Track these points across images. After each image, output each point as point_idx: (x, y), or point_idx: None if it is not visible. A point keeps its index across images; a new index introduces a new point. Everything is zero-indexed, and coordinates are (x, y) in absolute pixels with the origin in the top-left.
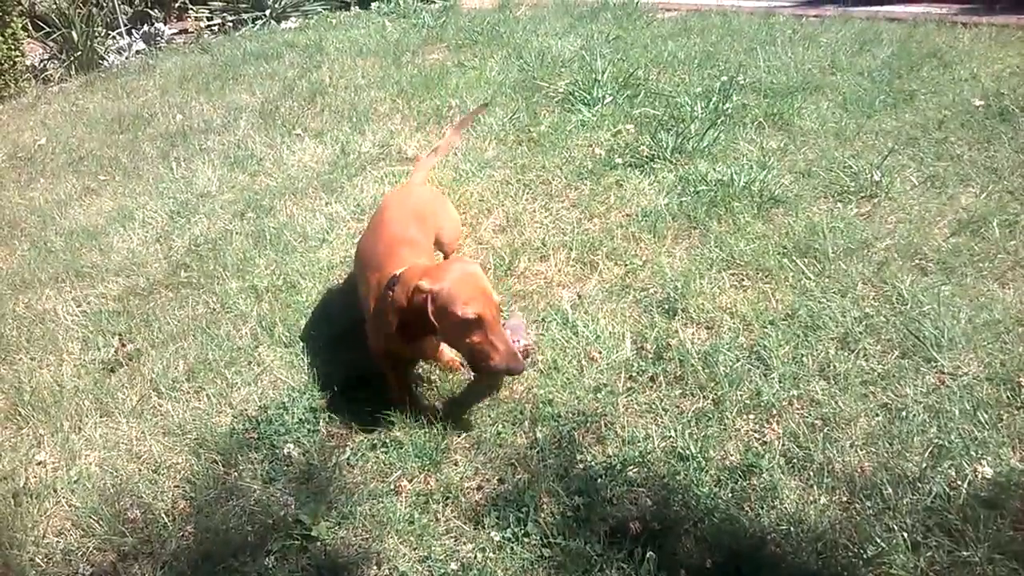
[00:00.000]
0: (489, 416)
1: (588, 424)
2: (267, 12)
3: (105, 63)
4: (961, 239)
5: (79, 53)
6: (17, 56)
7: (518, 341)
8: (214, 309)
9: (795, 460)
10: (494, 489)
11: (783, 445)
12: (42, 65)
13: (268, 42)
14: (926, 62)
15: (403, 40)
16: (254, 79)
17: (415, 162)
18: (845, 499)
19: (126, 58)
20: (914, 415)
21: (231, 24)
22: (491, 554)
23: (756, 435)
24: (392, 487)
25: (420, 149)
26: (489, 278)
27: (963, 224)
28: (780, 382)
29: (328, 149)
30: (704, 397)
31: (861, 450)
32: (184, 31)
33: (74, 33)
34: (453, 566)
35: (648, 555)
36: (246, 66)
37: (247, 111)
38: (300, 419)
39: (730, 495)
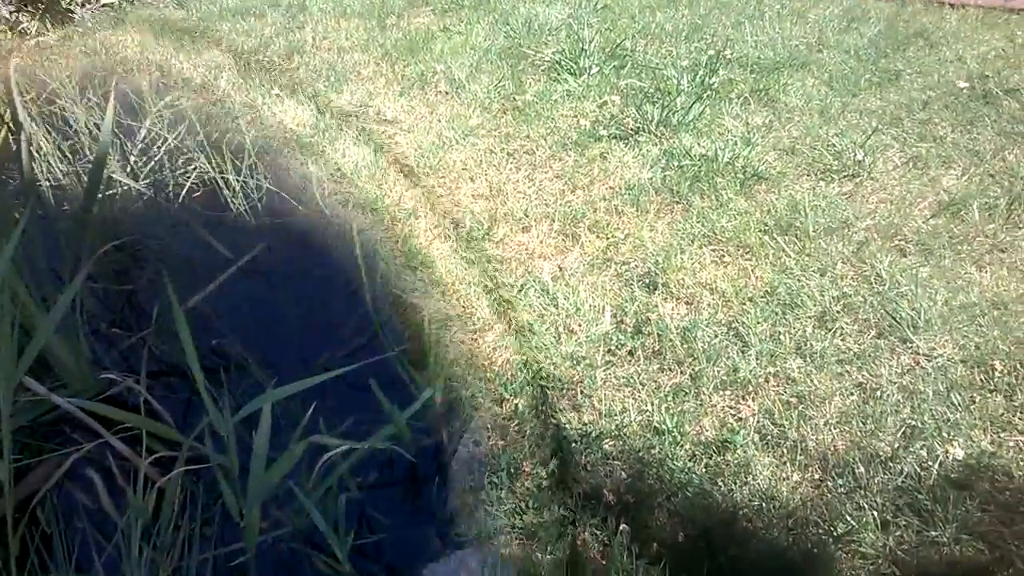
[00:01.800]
0: (464, 379)
1: (564, 390)
2: None
3: (75, 16)
4: (941, 221)
5: (43, 4)
6: None
7: None
8: None
9: (769, 437)
10: (468, 452)
11: (758, 422)
12: (13, 17)
13: None
14: (912, 42)
15: (388, 2)
16: (231, 36)
17: None
18: (817, 477)
19: (91, 12)
20: (888, 395)
21: None
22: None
23: (732, 411)
24: None
25: (403, 113)
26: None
27: (943, 206)
28: (757, 359)
29: (307, 109)
30: (681, 372)
31: (835, 429)
32: None
33: None
34: None
35: (621, 527)
36: (223, 23)
37: (226, 70)
38: None
39: (704, 470)
